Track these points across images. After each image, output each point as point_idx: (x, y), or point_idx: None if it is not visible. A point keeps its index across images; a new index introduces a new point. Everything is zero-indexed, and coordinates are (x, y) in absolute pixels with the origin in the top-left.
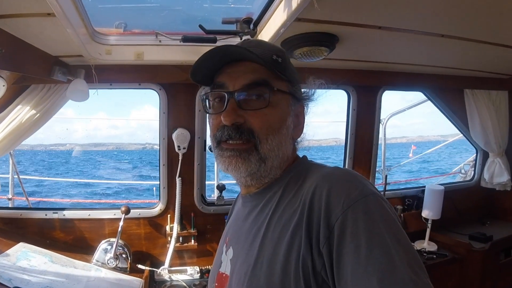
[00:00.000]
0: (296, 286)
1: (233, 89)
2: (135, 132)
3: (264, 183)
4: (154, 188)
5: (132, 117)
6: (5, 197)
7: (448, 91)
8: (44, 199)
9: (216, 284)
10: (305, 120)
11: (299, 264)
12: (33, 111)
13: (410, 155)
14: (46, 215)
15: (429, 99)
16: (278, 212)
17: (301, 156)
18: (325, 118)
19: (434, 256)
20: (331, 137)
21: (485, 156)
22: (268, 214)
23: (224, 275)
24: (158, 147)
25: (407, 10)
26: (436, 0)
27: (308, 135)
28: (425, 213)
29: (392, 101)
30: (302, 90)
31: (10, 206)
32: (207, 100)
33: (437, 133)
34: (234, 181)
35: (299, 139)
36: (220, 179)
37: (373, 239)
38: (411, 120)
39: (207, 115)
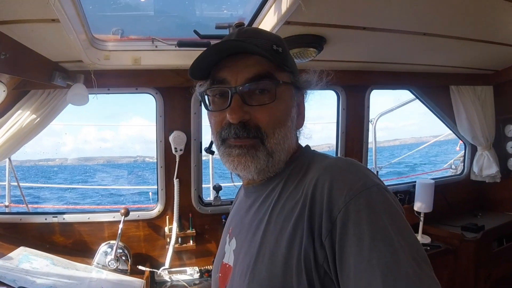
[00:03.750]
0: (298, 278)
1: (236, 84)
2: (124, 145)
3: (269, 176)
4: (150, 193)
5: (121, 129)
6: (2, 204)
7: (434, 88)
8: (43, 206)
9: (220, 274)
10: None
11: (301, 256)
12: (33, 116)
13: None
14: (46, 219)
15: (416, 97)
16: (280, 203)
17: (303, 145)
18: (318, 121)
19: (428, 248)
20: (324, 143)
21: (474, 150)
22: (270, 205)
23: (227, 265)
24: (156, 150)
25: (389, 11)
26: (416, 0)
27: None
28: (417, 207)
29: (384, 103)
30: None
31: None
32: (206, 96)
33: (430, 134)
34: (229, 183)
35: (300, 128)
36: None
37: (376, 231)
38: (403, 122)
39: (205, 113)
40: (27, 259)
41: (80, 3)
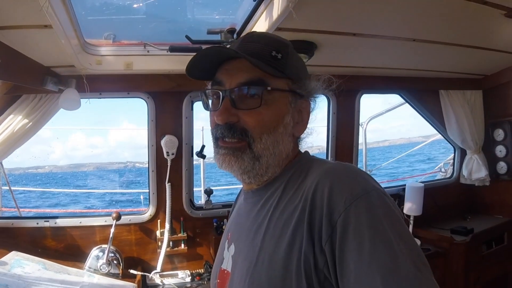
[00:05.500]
0: (297, 283)
1: (229, 87)
2: (114, 151)
3: (263, 180)
4: (142, 197)
5: (110, 135)
6: None
7: (424, 92)
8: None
9: (218, 280)
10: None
11: (301, 261)
12: (25, 121)
13: None
14: (37, 223)
15: (406, 101)
16: (280, 208)
17: (303, 151)
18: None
19: None
20: (315, 145)
21: (463, 153)
22: (269, 210)
23: (225, 271)
24: (147, 154)
25: (378, 18)
26: (405, 7)
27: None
28: (406, 210)
29: (374, 105)
30: (311, 85)
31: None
32: (206, 97)
33: (418, 134)
34: (221, 188)
35: (303, 135)
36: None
37: (376, 236)
38: (392, 123)
39: (196, 117)
40: (19, 264)
41: (72, 9)
